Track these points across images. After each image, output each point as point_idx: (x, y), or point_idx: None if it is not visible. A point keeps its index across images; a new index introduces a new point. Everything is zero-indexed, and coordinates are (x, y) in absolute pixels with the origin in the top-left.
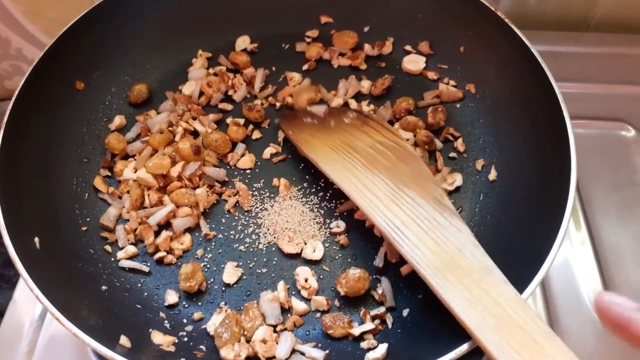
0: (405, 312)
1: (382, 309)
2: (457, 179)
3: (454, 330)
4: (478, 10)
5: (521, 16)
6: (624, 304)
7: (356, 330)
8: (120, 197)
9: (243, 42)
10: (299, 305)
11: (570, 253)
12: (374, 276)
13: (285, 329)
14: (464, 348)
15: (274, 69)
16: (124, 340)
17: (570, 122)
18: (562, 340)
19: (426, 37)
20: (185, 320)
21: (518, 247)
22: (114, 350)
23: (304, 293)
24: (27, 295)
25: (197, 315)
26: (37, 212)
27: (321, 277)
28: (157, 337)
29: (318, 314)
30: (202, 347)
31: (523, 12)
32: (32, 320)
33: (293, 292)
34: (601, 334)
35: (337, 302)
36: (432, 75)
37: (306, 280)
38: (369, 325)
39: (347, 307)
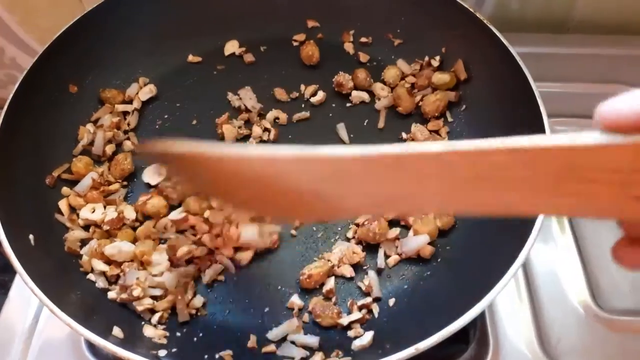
0: (391, 302)
1: (368, 299)
2: None
3: (438, 317)
4: (460, 12)
5: (504, 19)
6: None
7: (344, 320)
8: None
9: (232, 46)
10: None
11: (556, 257)
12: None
13: None
14: (446, 332)
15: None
16: (116, 331)
17: (552, 120)
18: (551, 347)
19: (409, 38)
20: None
21: (496, 240)
22: (107, 339)
23: None
24: (21, 297)
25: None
26: (31, 210)
27: None
28: (148, 330)
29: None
30: (194, 338)
31: (505, 15)
32: (26, 322)
33: None
34: (590, 338)
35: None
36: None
37: None
38: (356, 315)
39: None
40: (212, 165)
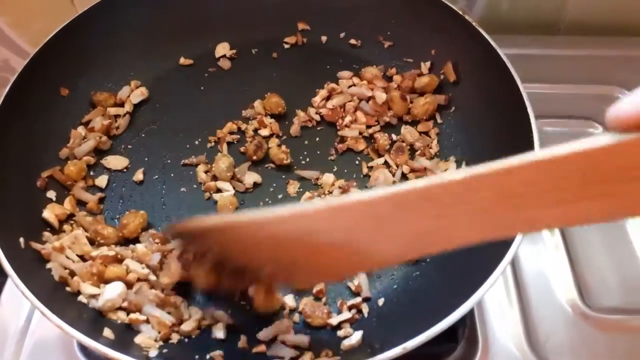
0: (380, 302)
1: (358, 299)
2: (452, 166)
3: (427, 316)
4: (449, 15)
5: (494, 21)
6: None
7: (334, 320)
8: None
9: (223, 48)
10: None
11: (544, 257)
12: None
13: None
14: (434, 331)
15: (247, 88)
16: (107, 333)
17: (541, 121)
18: (540, 346)
19: (399, 41)
20: None
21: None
22: (97, 341)
23: None
24: (13, 299)
25: None
26: (21, 213)
27: None
28: (138, 338)
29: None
30: (185, 339)
31: (496, 17)
32: (18, 323)
33: None
34: (578, 336)
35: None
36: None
37: None
38: (346, 315)
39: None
40: (246, 233)
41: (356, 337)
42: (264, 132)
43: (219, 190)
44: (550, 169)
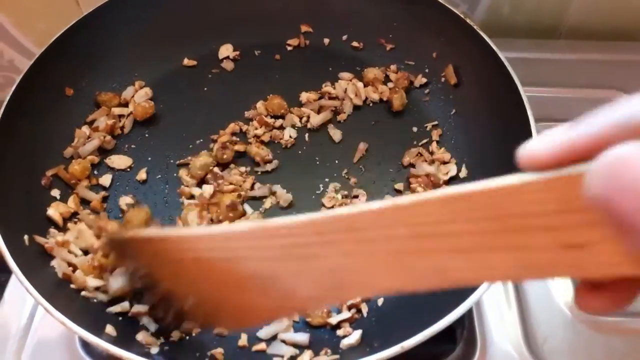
0: (380, 302)
1: (358, 299)
2: (452, 169)
3: (425, 316)
4: (450, 18)
5: (495, 25)
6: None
7: (334, 320)
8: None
9: (226, 50)
10: None
11: None
12: None
13: None
14: (432, 331)
15: (249, 89)
16: (109, 329)
17: (541, 124)
18: (538, 348)
19: (401, 43)
20: None
21: None
22: (100, 337)
23: None
24: (16, 296)
25: None
26: (25, 211)
27: None
28: (140, 335)
29: None
30: (186, 336)
31: (497, 21)
32: (21, 320)
33: None
34: (575, 338)
35: None
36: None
37: None
38: (345, 315)
39: None
40: (173, 251)
41: (355, 336)
42: (259, 131)
43: (192, 197)
44: (458, 208)
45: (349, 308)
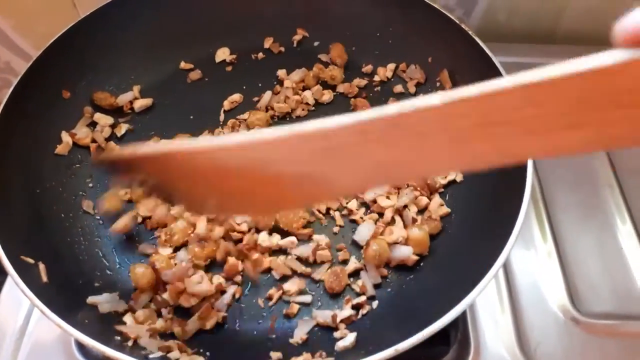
0: (374, 305)
1: (362, 298)
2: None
3: (420, 319)
4: (445, 24)
5: (491, 30)
6: None
7: (342, 314)
8: None
9: (223, 53)
10: None
11: (536, 263)
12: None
13: None
14: (425, 333)
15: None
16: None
17: None
18: (531, 351)
19: (396, 48)
20: None
21: (478, 245)
22: (96, 340)
23: None
24: (13, 298)
25: None
26: (22, 213)
27: None
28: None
29: None
30: None
31: (493, 26)
32: (17, 322)
33: None
34: (568, 341)
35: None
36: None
37: None
38: (348, 312)
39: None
40: (191, 162)
41: (350, 338)
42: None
43: None
44: (538, 94)
45: (353, 307)
